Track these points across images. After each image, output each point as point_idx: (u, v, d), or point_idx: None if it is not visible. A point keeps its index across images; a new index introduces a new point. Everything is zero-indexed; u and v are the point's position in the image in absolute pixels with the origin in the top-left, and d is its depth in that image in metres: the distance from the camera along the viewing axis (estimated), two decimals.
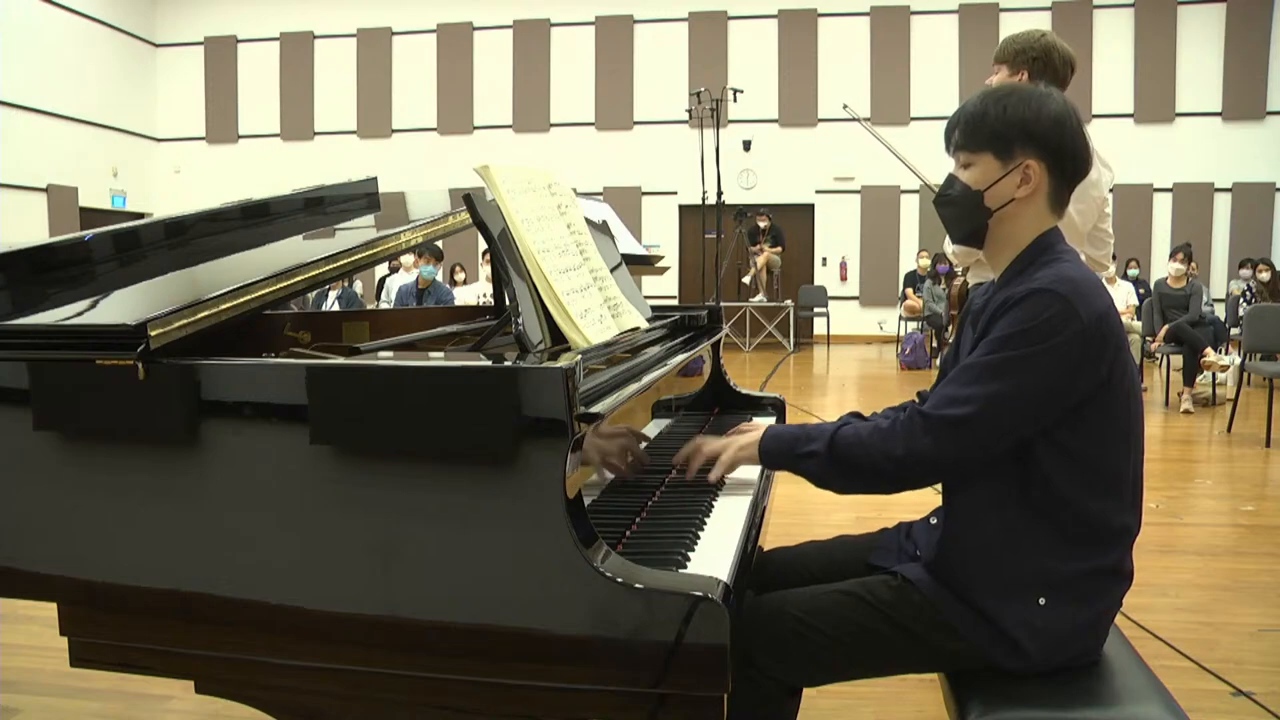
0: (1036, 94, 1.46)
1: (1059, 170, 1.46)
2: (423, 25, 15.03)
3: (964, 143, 1.49)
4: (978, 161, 1.48)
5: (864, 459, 1.43)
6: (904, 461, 1.40)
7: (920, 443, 1.39)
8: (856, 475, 1.46)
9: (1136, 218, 13.59)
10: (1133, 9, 13.70)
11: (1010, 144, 1.45)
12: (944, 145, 1.55)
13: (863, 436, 1.44)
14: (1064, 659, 1.42)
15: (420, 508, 1.25)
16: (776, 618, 1.45)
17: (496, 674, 1.24)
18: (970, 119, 1.48)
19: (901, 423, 1.42)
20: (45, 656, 2.69)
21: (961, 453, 1.39)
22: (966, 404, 1.36)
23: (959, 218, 1.52)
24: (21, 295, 1.64)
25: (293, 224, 2.29)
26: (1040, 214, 1.47)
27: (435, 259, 8.72)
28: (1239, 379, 6.97)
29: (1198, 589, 3.41)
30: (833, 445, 1.45)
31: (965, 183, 1.49)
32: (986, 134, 1.46)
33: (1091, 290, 1.37)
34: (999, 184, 1.46)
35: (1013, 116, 1.44)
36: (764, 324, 12.97)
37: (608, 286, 1.77)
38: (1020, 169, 1.44)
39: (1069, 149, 1.45)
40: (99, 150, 14.41)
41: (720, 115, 10.88)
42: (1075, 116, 1.47)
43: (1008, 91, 1.48)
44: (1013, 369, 1.35)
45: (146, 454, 1.37)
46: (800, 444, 1.50)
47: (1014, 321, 1.36)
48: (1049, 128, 1.44)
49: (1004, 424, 1.37)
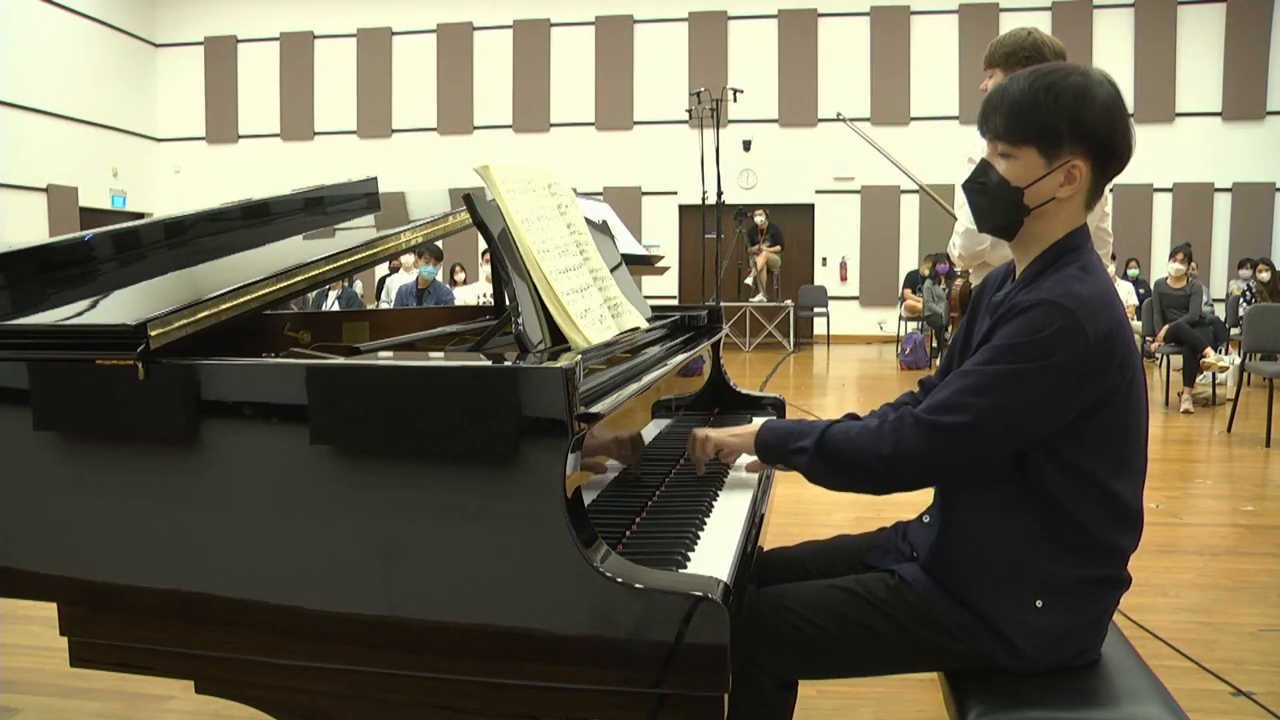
0: (1086, 79, 1.35)
1: (1102, 168, 1.38)
2: (423, 25, 15.04)
3: (1006, 132, 1.38)
4: (1020, 155, 1.37)
5: (851, 456, 1.42)
6: (890, 461, 1.38)
7: (909, 443, 1.37)
8: (844, 472, 1.45)
9: (1136, 218, 13.59)
10: (1133, 9, 13.70)
11: (1059, 141, 1.35)
12: (979, 127, 1.43)
13: (851, 434, 1.44)
14: (1061, 658, 1.42)
15: (420, 508, 1.25)
16: (772, 611, 1.46)
17: (496, 674, 1.24)
18: (1017, 106, 1.36)
19: (892, 422, 1.40)
20: (45, 656, 2.69)
21: (951, 458, 1.37)
22: (960, 411, 1.34)
23: (993, 209, 1.43)
24: (21, 295, 1.64)
25: (293, 224, 2.29)
26: (1076, 210, 1.41)
27: (435, 259, 8.72)
28: (1239, 379, 6.97)
29: (1198, 589, 3.41)
30: (822, 442, 1.46)
31: (1004, 176, 1.39)
32: (1036, 127, 1.35)
33: (1101, 307, 1.32)
34: (1042, 182, 1.37)
35: (1065, 108, 1.33)
36: (764, 324, 12.96)
37: (608, 286, 1.77)
38: (1065, 168, 1.36)
39: (1117, 144, 1.36)
40: (99, 150, 14.41)
41: (720, 115, 10.90)
42: (1121, 100, 1.37)
43: (1059, 76, 1.35)
44: (1009, 383, 1.32)
45: (146, 454, 1.37)
46: (793, 439, 1.51)
47: (1015, 332, 1.32)
48: (1100, 121, 1.34)
49: (996, 436, 1.34)
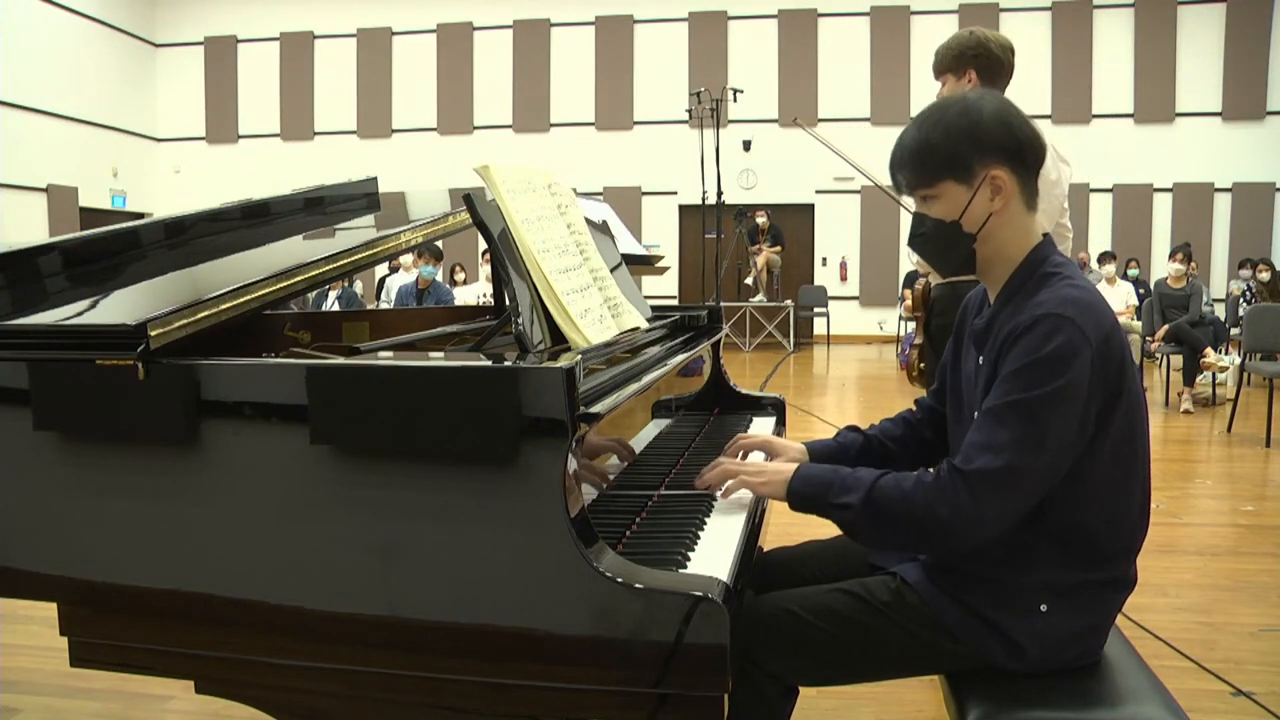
0: (968, 101, 1.40)
1: (1022, 166, 1.39)
2: (423, 25, 15.03)
3: (917, 180, 1.42)
4: (940, 192, 1.41)
5: (905, 517, 1.34)
6: (950, 522, 1.31)
7: (962, 500, 1.30)
8: (896, 532, 1.37)
9: (1136, 218, 13.60)
10: (1133, 9, 13.70)
11: (968, 161, 1.38)
12: (895, 188, 1.48)
13: (905, 491, 1.34)
14: (1064, 661, 1.41)
15: (420, 508, 1.25)
16: (775, 614, 1.45)
17: (496, 674, 1.24)
18: (917, 153, 1.41)
19: (934, 482, 1.33)
20: (45, 656, 2.69)
21: (1005, 505, 1.32)
22: (1001, 453, 1.29)
23: (942, 253, 1.46)
24: (21, 295, 1.64)
25: (293, 224, 2.29)
26: (1020, 217, 1.42)
27: (435, 259, 8.71)
28: (1239, 379, 6.97)
29: (1198, 589, 3.41)
30: (870, 499, 1.36)
31: (937, 218, 1.43)
32: (941, 161, 1.39)
33: (1095, 309, 1.33)
34: (972, 206, 1.39)
35: (958, 132, 1.37)
36: (764, 324, 12.96)
37: (608, 286, 1.77)
38: (987, 182, 1.38)
39: (1024, 141, 1.39)
40: (99, 150, 14.41)
41: (720, 115, 10.89)
42: (1011, 103, 1.41)
43: (939, 111, 1.41)
44: (1038, 409, 1.29)
45: (146, 454, 1.37)
46: (834, 492, 1.40)
47: (1025, 352, 1.30)
48: (997, 129, 1.37)
49: (1040, 466, 1.30)
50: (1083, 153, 13.97)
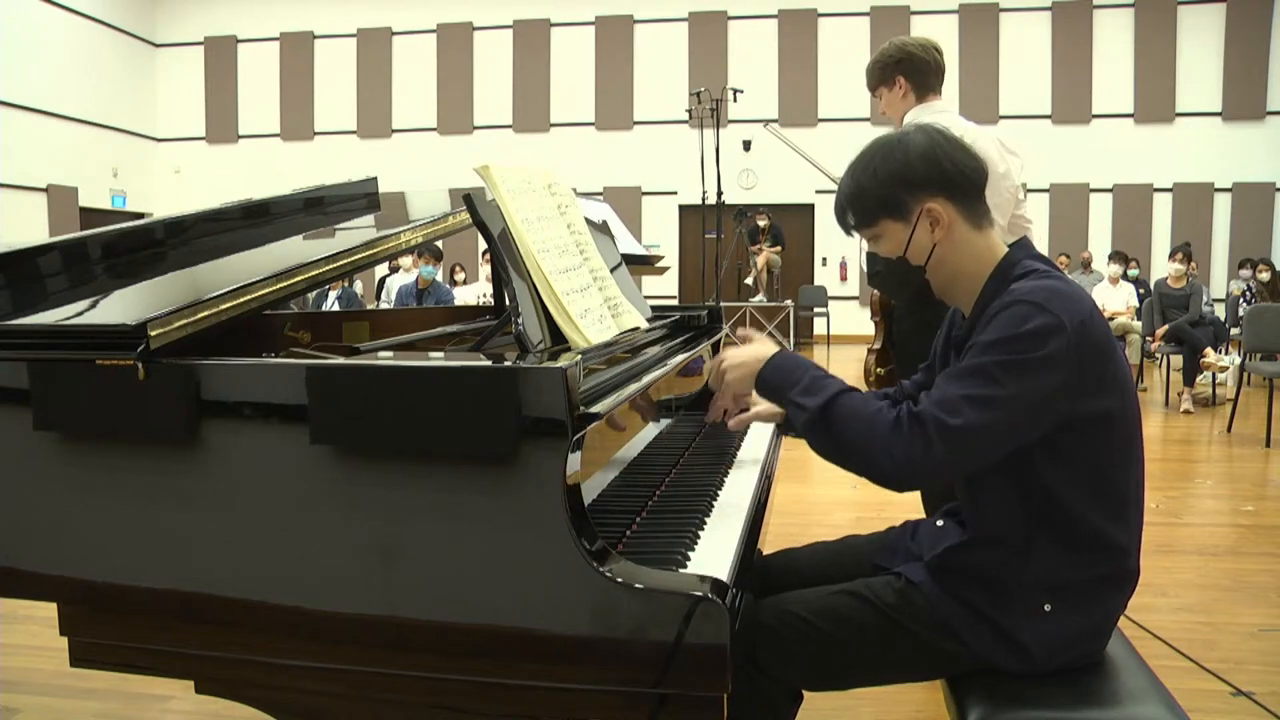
0: (891, 139, 1.46)
1: (959, 193, 1.43)
2: (423, 25, 15.04)
3: (858, 222, 1.49)
4: (882, 231, 1.47)
5: (855, 443, 1.36)
6: (897, 463, 1.33)
7: (915, 447, 1.32)
8: (842, 452, 1.38)
9: (1136, 218, 13.61)
10: (1133, 9, 13.70)
11: (901, 200, 1.43)
12: (845, 232, 1.55)
13: (865, 417, 1.36)
14: (1067, 661, 1.41)
15: (420, 508, 1.25)
16: (779, 617, 1.45)
17: (496, 674, 1.23)
18: (852, 198, 1.48)
19: (894, 422, 1.34)
20: (45, 656, 2.69)
21: (957, 459, 1.33)
22: (957, 411, 1.31)
23: (898, 285, 1.52)
24: (21, 295, 1.64)
25: (293, 224, 2.29)
26: (969, 239, 1.44)
27: (435, 259, 8.71)
28: (1239, 379, 6.97)
29: (1198, 589, 3.41)
30: (828, 408, 1.38)
31: (885, 255, 1.49)
32: (875, 203, 1.45)
33: (1070, 296, 1.35)
34: (914, 240, 1.44)
35: (886, 175, 1.43)
36: (764, 324, 12.96)
37: (608, 286, 1.77)
38: (924, 216, 1.43)
39: (956, 170, 1.42)
40: (99, 150, 14.42)
41: (720, 115, 10.89)
42: (941, 136, 1.44)
43: (869, 155, 1.47)
44: (1007, 375, 1.30)
45: (146, 454, 1.37)
46: (798, 390, 1.42)
47: (1001, 327, 1.32)
48: (923, 166, 1.41)
49: (1000, 430, 1.32)
50: (1083, 153, 14.11)
